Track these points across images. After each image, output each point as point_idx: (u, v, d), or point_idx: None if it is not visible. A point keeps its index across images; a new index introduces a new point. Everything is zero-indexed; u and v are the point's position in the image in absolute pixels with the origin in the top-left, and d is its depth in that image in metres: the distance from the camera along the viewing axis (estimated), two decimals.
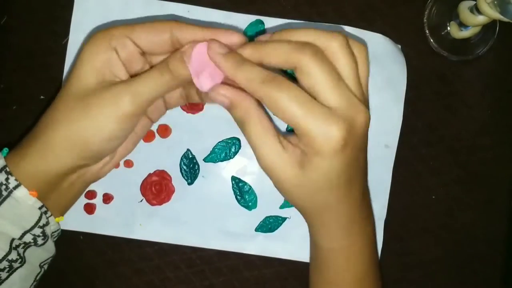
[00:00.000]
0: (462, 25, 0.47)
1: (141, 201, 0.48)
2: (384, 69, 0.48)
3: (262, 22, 0.47)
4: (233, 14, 0.47)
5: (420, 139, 0.49)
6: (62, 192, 0.38)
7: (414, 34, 0.49)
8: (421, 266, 0.50)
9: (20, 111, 0.48)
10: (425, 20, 0.49)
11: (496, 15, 0.41)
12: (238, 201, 0.48)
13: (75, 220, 0.47)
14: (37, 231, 0.37)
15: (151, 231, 0.48)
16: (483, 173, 0.50)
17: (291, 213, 0.48)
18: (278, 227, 0.48)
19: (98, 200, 0.48)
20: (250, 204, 0.48)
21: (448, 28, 0.49)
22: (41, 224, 0.37)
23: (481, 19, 0.44)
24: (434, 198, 0.50)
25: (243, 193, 0.48)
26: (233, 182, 0.48)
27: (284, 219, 0.48)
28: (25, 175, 0.35)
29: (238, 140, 0.48)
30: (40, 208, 0.37)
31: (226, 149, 0.48)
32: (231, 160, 0.48)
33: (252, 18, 0.47)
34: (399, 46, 0.48)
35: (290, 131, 0.48)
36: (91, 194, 0.47)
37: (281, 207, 0.48)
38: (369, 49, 0.46)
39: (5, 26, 0.48)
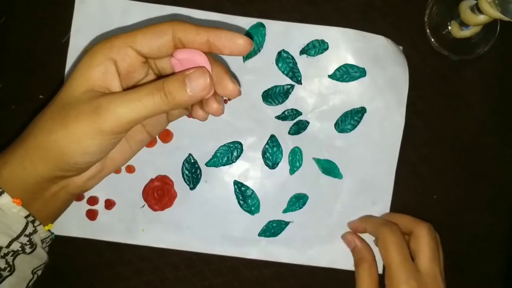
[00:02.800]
0: (463, 24, 0.47)
1: (143, 206, 0.48)
2: (387, 71, 0.47)
3: (263, 25, 0.47)
4: (234, 17, 0.47)
5: (421, 138, 0.49)
6: (46, 203, 0.37)
7: (415, 33, 0.49)
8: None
9: (19, 110, 0.48)
10: (426, 20, 0.49)
11: (497, 14, 0.41)
12: (241, 205, 0.48)
13: (77, 226, 0.47)
14: (24, 239, 0.36)
15: (153, 236, 0.48)
16: (484, 173, 0.50)
17: (294, 217, 0.48)
18: (281, 231, 0.48)
19: (100, 206, 0.47)
20: (252, 208, 0.48)
21: (449, 27, 0.49)
22: (27, 232, 0.36)
23: (482, 18, 0.44)
24: (435, 198, 0.50)
25: (245, 198, 0.48)
26: (236, 186, 0.48)
27: (287, 223, 0.48)
28: (7, 182, 0.34)
29: (240, 144, 0.48)
30: (26, 217, 0.36)
31: (228, 153, 0.48)
32: (233, 164, 0.48)
33: (253, 21, 0.47)
34: (401, 48, 0.48)
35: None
36: (93, 200, 0.47)
37: (284, 211, 0.48)
38: (371, 51, 0.47)
39: (4, 25, 0.48)
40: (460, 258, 0.50)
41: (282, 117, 0.48)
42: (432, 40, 0.49)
